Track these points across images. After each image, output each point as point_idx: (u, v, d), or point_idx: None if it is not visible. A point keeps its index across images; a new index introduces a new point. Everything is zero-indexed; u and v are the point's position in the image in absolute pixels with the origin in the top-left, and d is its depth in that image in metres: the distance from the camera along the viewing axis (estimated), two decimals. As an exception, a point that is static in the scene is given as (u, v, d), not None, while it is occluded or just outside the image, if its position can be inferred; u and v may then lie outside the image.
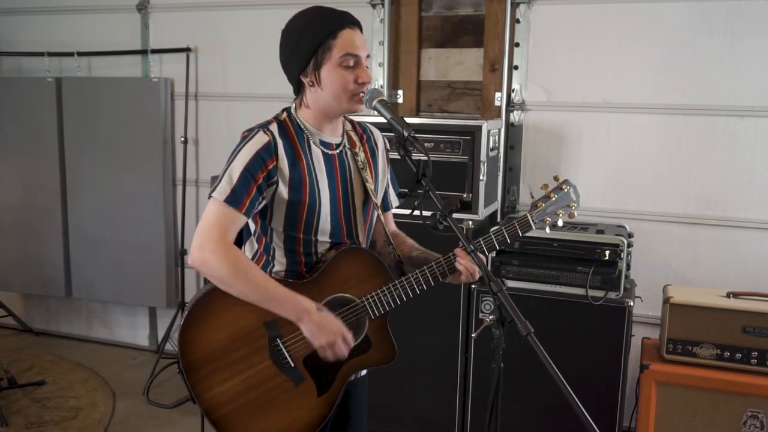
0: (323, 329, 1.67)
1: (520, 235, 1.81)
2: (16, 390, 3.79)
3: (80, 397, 3.81)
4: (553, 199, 1.83)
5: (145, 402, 3.78)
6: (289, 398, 1.73)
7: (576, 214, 1.86)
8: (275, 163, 1.69)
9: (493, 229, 1.86)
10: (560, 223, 1.84)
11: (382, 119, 1.74)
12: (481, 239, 1.79)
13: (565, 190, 1.84)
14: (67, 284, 4.47)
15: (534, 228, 1.82)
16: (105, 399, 3.81)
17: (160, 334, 4.42)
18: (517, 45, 3.46)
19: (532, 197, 1.86)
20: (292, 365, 1.73)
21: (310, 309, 1.67)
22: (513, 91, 3.49)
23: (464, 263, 1.73)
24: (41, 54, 4.35)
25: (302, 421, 1.75)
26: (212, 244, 1.65)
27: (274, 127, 1.73)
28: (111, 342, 4.67)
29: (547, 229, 1.84)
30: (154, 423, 3.57)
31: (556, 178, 1.87)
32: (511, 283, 2.98)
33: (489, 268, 1.69)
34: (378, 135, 1.95)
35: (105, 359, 4.39)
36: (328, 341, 1.67)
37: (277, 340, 1.72)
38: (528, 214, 1.82)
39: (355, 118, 1.97)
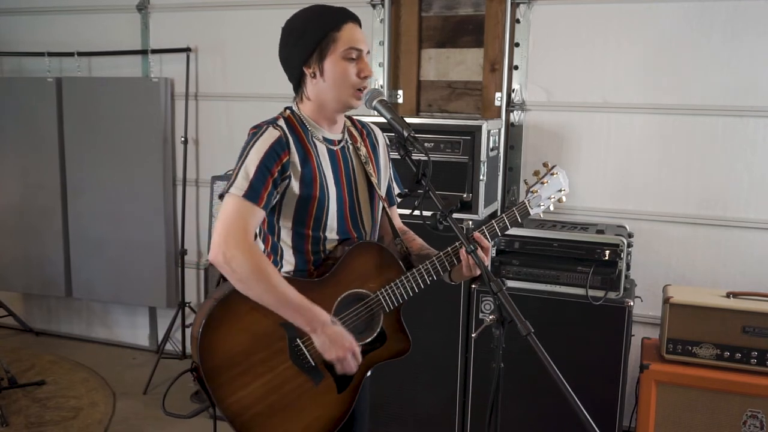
0: (335, 344, 1.68)
1: (520, 221, 1.86)
2: (16, 390, 3.79)
3: (80, 397, 3.81)
4: (546, 184, 1.89)
5: (145, 402, 3.78)
6: (310, 397, 1.74)
7: (565, 199, 1.92)
8: (288, 157, 1.69)
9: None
10: (551, 207, 1.91)
11: (382, 119, 1.75)
12: (484, 227, 1.82)
13: (555, 175, 1.90)
14: (67, 284, 4.47)
15: (532, 213, 1.88)
16: (105, 399, 3.81)
17: (160, 334, 4.42)
18: (517, 45, 3.46)
19: (526, 184, 1.91)
20: (313, 364, 1.73)
21: (325, 322, 1.67)
22: (513, 91, 3.49)
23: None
24: (41, 54, 4.35)
25: (324, 419, 1.76)
26: (235, 240, 1.62)
27: (282, 123, 1.74)
28: (111, 342, 4.67)
29: (541, 214, 1.91)
30: (155, 423, 3.57)
31: (545, 164, 1.92)
32: (511, 283, 2.98)
33: (489, 268, 1.69)
34: (378, 132, 1.97)
35: (105, 359, 4.39)
36: (338, 356, 1.68)
37: (297, 340, 1.72)
38: (525, 201, 1.88)
39: (355, 117, 1.98)
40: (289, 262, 1.79)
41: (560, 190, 1.90)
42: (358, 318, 1.77)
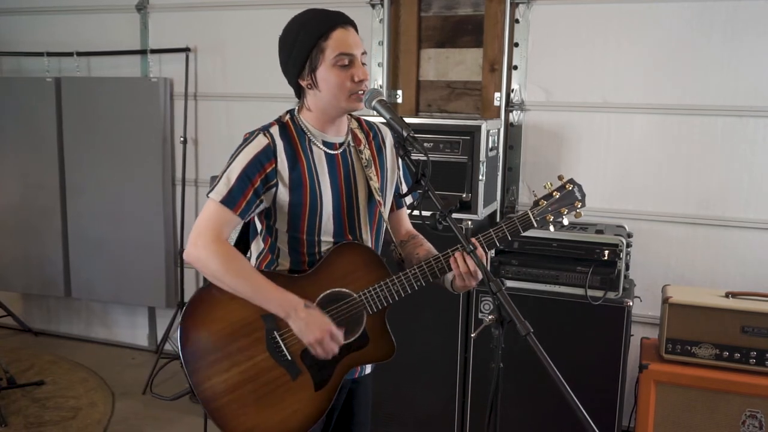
0: (310, 326, 1.68)
1: (521, 232, 1.78)
2: (15, 390, 3.79)
3: (79, 397, 3.81)
4: (556, 197, 1.80)
5: (144, 402, 3.78)
6: (286, 391, 1.75)
7: (582, 213, 1.82)
8: (274, 165, 1.71)
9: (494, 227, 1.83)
10: (566, 222, 1.81)
11: (381, 119, 1.74)
12: (480, 236, 1.77)
13: (569, 188, 1.81)
14: (66, 284, 4.47)
15: (536, 226, 1.79)
16: (104, 399, 3.81)
17: (160, 334, 4.42)
18: (517, 45, 3.46)
19: (534, 195, 1.83)
20: (289, 358, 1.74)
21: (297, 306, 1.69)
22: (512, 91, 3.49)
23: (459, 262, 1.69)
24: (41, 54, 4.35)
25: (300, 415, 1.76)
26: (206, 240, 1.69)
27: (274, 129, 1.75)
28: (110, 342, 4.67)
29: (551, 228, 1.81)
30: (154, 423, 3.57)
31: (560, 177, 1.84)
32: (510, 283, 2.98)
33: (488, 268, 1.68)
34: (386, 133, 1.94)
35: (104, 359, 4.39)
36: (316, 338, 1.68)
37: (275, 332, 1.74)
38: (529, 212, 1.80)
39: (363, 117, 1.97)
40: (284, 262, 1.81)
41: (574, 204, 1.81)
42: (340, 317, 1.75)
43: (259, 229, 1.85)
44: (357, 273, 1.78)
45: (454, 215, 1.66)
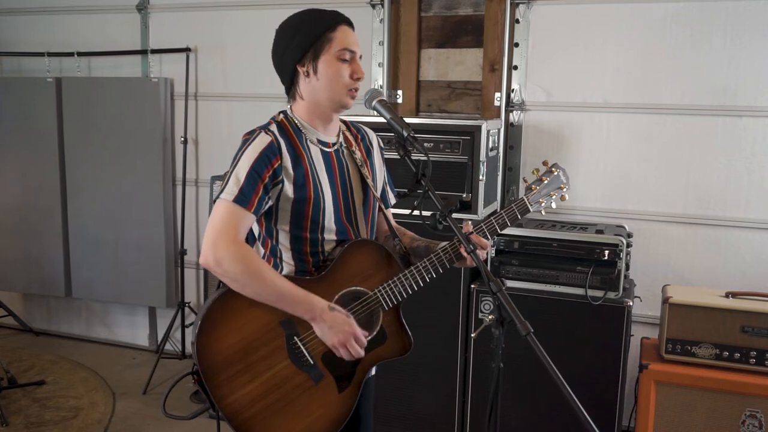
0: (334, 328, 1.68)
1: (519, 217, 1.88)
2: (16, 390, 3.79)
3: (80, 397, 3.82)
4: (545, 182, 1.91)
5: (145, 402, 3.78)
6: (310, 397, 1.74)
7: (567, 196, 1.94)
8: (280, 161, 1.70)
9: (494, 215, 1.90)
10: (554, 205, 1.93)
11: (381, 119, 1.76)
12: (482, 223, 1.82)
13: (555, 173, 1.93)
14: (67, 284, 4.47)
15: (531, 210, 1.90)
16: (105, 399, 3.81)
17: (160, 334, 4.42)
18: (517, 45, 3.46)
19: (525, 181, 1.93)
20: (311, 363, 1.74)
21: (323, 308, 1.69)
22: (512, 91, 3.49)
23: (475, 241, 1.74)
24: (41, 54, 4.35)
25: (325, 419, 1.76)
26: (225, 242, 1.65)
27: (274, 128, 1.75)
28: (111, 342, 4.67)
29: (543, 212, 1.92)
30: (154, 423, 3.57)
31: (545, 163, 1.94)
32: (510, 283, 2.98)
33: (489, 268, 1.69)
34: (372, 135, 1.99)
35: (105, 359, 4.39)
36: (340, 340, 1.69)
37: (295, 338, 1.73)
38: (524, 197, 1.90)
39: (353, 119, 2.00)
40: (288, 264, 1.80)
41: (560, 188, 1.92)
42: (357, 316, 1.76)
43: (257, 233, 1.84)
44: (369, 270, 1.79)
45: (455, 215, 1.68)
